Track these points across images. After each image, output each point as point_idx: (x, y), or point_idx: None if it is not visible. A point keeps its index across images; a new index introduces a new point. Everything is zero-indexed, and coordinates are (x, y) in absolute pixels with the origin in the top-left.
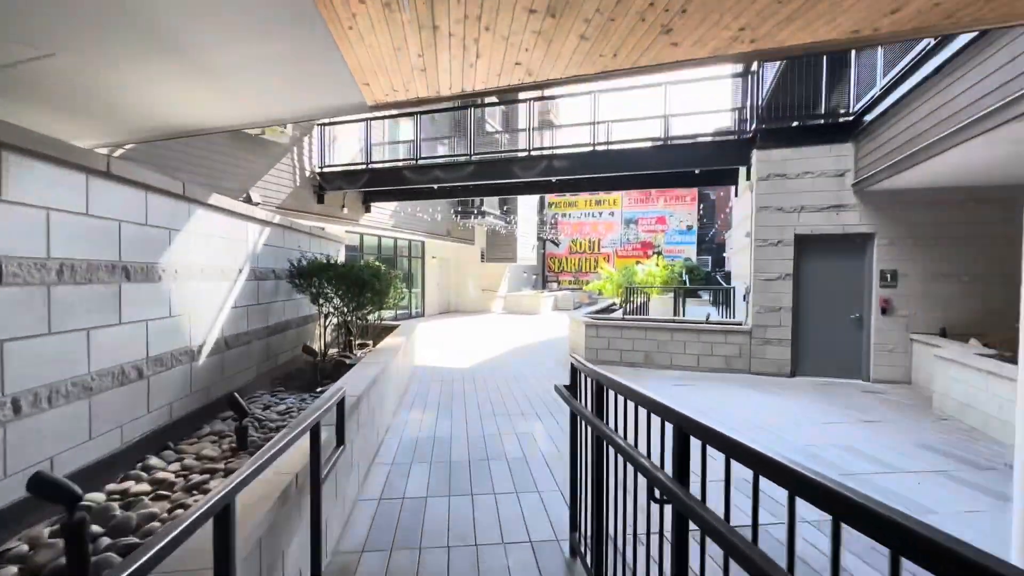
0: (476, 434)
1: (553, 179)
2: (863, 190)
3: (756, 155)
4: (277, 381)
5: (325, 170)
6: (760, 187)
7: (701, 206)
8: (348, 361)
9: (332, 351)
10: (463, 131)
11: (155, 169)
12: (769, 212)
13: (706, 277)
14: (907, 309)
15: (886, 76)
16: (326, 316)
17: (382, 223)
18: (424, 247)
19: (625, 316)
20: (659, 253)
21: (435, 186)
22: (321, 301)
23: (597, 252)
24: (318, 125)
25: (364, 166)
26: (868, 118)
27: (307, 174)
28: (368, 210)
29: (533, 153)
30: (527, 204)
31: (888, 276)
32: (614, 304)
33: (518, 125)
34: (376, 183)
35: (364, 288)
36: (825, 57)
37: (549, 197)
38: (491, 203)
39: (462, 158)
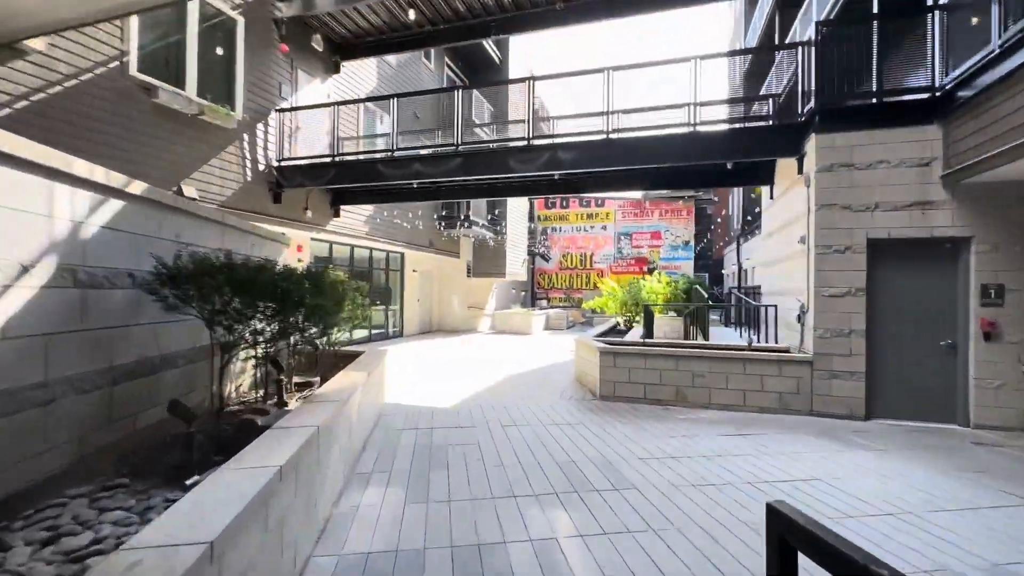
0: (466, 538)
1: (556, 175)
2: (957, 183)
3: (816, 141)
4: (127, 462)
5: (284, 164)
6: (821, 180)
7: (733, 214)
8: (260, 421)
9: (255, 396)
10: (447, 124)
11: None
12: (833, 211)
13: (710, 295)
14: (1019, 334)
15: (1008, 31)
16: (229, 346)
17: (354, 230)
18: (404, 259)
19: (646, 340)
20: (654, 269)
21: (415, 183)
22: (224, 323)
23: (590, 268)
24: (276, 111)
25: (330, 159)
26: (965, 93)
27: (261, 168)
28: (337, 214)
29: (533, 142)
30: (517, 214)
31: (991, 292)
32: (618, 324)
33: (509, 117)
34: (344, 179)
35: (287, 303)
36: (877, 24)
37: (538, 208)
38: (478, 211)
39: (447, 149)
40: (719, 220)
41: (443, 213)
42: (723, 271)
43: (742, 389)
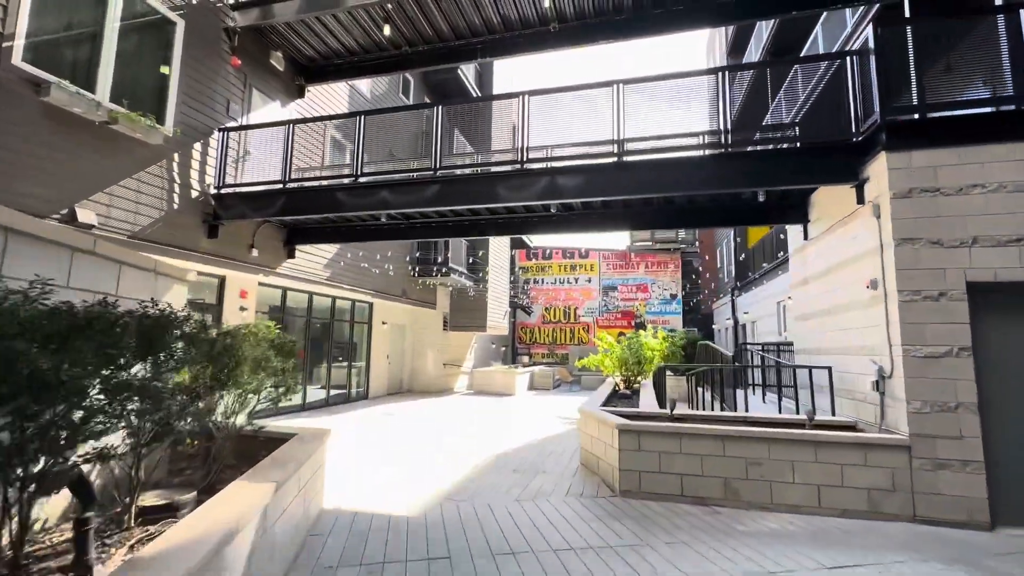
0: None
1: (553, 208)
2: None
3: (886, 161)
4: None
5: (224, 191)
6: (898, 209)
7: (723, 266)
8: None
9: (32, 551)
10: (425, 154)
11: None
12: (918, 248)
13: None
14: None
15: None
16: None
17: (313, 274)
18: (372, 310)
19: (675, 413)
20: (642, 324)
21: (383, 217)
22: None
23: (574, 322)
24: (219, 130)
25: (280, 185)
26: None
27: (194, 195)
28: (291, 255)
29: (528, 166)
30: (498, 262)
31: None
32: (617, 386)
33: (493, 158)
34: (297, 209)
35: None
36: (947, 22)
37: (520, 259)
38: (457, 257)
39: (423, 175)
40: (708, 273)
41: (417, 255)
42: (714, 326)
43: (815, 483)
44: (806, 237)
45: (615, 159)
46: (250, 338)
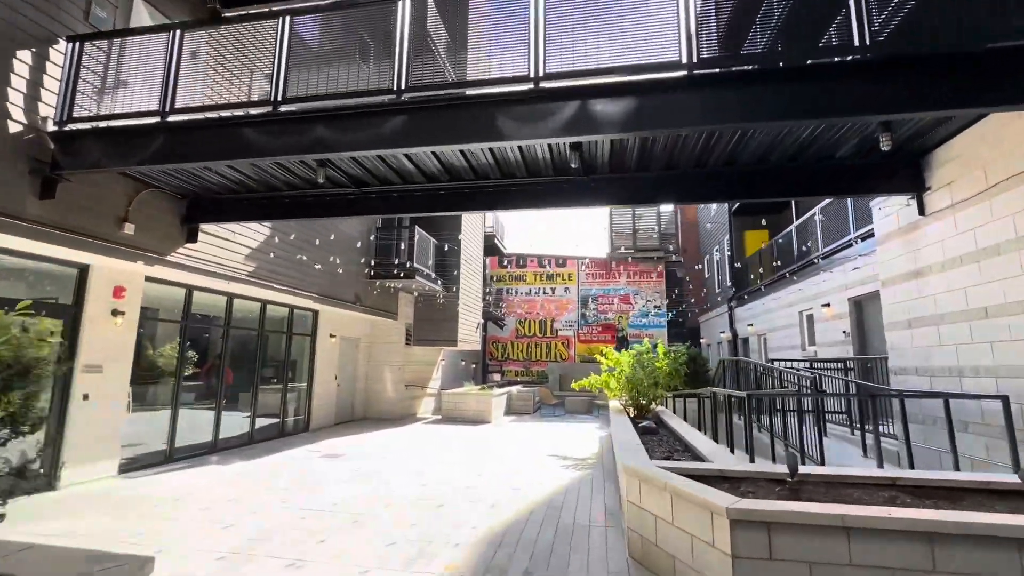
0: None
1: (572, 162)
2: None
3: None
4: None
5: (69, 128)
6: None
7: (714, 276)
8: None
9: None
10: (383, 47)
11: None
12: None
13: (740, 369)
14: None
15: None
16: None
17: (228, 268)
18: (316, 319)
19: (798, 474)
20: (624, 339)
21: (319, 173)
22: None
23: (552, 336)
24: (69, 39)
25: (157, 117)
26: None
27: (16, 131)
28: (193, 238)
29: (544, 84)
30: (472, 263)
31: None
32: (629, 414)
33: (488, 51)
34: (181, 154)
35: None
36: None
37: (491, 267)
38: (424, 254)
39: (382, 100)
40: (693, 285)
41: (373, 239)
42: (703, 340)
43: None
44: (922, 212)
45: (685, 73)
46: None
